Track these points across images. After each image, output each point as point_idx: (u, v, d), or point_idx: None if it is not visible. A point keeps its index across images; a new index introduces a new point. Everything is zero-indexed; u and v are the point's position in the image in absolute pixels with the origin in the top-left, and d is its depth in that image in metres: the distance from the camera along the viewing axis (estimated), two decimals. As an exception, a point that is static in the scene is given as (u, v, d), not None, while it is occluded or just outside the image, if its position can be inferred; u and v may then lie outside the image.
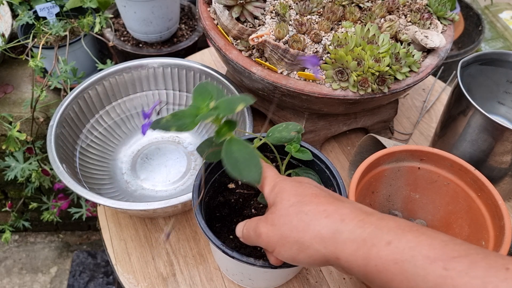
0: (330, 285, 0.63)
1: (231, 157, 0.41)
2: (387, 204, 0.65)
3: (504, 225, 0.51)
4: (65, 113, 0.70)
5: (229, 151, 0.41)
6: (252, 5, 0.62)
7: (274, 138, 0.49)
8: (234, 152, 0.41)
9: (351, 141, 0.83)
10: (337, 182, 0.53)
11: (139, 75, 0.78)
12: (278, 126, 0.50)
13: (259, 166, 0.41)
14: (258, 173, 0.40)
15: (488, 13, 1.27)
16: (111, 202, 0.58)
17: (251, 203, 0.57)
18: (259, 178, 0.40)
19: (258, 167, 0.41)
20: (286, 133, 0.49)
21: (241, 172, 0.40)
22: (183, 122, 0.41)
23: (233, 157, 0.41)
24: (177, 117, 0.41)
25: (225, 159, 0.41)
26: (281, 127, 0.50)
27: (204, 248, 0.67)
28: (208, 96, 0.42)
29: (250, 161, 0.41)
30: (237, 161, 0.41)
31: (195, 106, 0.42)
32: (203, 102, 0.42)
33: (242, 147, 0.41)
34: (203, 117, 0.40)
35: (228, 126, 0.43)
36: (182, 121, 0.41)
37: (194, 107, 0.42)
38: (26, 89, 1.06)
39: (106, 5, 1.12)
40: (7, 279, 1.35)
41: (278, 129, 0.50)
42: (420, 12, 0.68)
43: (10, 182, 1.17)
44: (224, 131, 0.43)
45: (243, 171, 0.40)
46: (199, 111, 0.42)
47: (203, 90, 0.43)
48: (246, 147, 0.41)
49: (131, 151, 0.79)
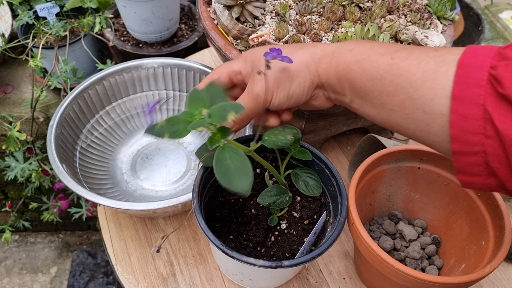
0: (330, 285, 0.63)
1: (222, 165, 0.40)
2: (387, 204, 0.65)
3: (504, 225, 0.51)
4: (65, 113, 0.70)
5: (220, 158, 0.41)
6: (252, 5, 0.62)
7: (270, 142, 0.48)
8: (226, 159, 0.41)
9: (351, 141, 0.83)
10: (337, 182, 0.53)
11: (139, 75, 0.78)
12: (274, 130, 0.50)
13: (250, 175, 0.40)
14: (248, 184, 0.39)
15: (488, 13, 1.27)
16: (111, 202, 0.58)
17: (251, 203, 0.57)
18: (248, 189, 0.40)
19: (249, 177, 0.40)
20: (283, 136, 0.49)
21: (231, 181, 0.40)
22: (176, 129, 0.41)
23: (224, 164, 0.40)
24: (171, 123, 0.41)
25: (216, 167, 0.40)
26: (278, 130, 0.49)
27: (204, 248, 0.67)
28: (201, 103, 0.42)
29: (242, 169, 0.40)
30: (228, 169, 0.40)
31: (188, 113, 0.42)
32: (196, 108, 0.42)
33: (234, 154, 0.41)
34: (193, 126, 0.40)
35: (222, 132, 0.43)
36: (175, 127, 0.41)
37: (188, 114, 0.42)
38: (26, 89, 1.06)
39: (106, 5, 1.12)
40: (7, 279, 1.35)
41: (274, 133, 0.49)
42: (420, 12, 0.68)
43: (10, 182, 1.17)
44: (217, 138, 0.42)
45: (233, 181, 0.40)
46: (192, 117, 0.42)
47: (197, 96, 0.43)
48: (239, 154, 0.41)
49: (131, 151, 0.79)
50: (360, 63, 0.40)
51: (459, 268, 0.57)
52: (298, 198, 0.57)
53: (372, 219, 0.65)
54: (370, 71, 0.40)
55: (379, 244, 0.61)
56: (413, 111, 0.37)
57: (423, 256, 0.61)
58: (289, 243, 0.54)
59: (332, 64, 0.42)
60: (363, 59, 0.40)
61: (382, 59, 0.39)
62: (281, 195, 0.53)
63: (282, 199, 0.53)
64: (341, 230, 0.49)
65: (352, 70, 0.41)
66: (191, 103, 0.42)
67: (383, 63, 0.39)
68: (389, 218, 0.65)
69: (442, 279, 0.46)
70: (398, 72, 0.38)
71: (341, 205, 0.52)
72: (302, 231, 0.55)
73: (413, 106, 0.37)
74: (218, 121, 0.40)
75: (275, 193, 0.53)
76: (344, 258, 0.66)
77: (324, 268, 0.65)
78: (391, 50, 0.40)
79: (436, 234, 0.63)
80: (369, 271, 0.59)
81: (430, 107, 0.36)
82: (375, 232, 0.63)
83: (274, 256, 0.53)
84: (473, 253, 0.56)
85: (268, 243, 0.55)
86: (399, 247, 0.61)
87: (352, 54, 0.41)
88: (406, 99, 0.38)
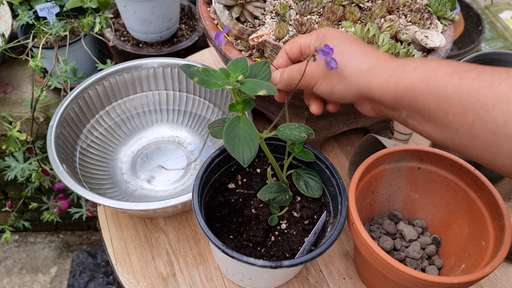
0: (330, 285, 0.63)
1: (233, 132, 0.42)
2: (387, 204, 0.65)
3: (504, 225, 0.51)
4: (65, 113, 0.70)
5: (233, 125, 0.42)
6: (252, 5, 0.62)
7: (284, 134, 0.49)
8: (238, 128, 0.42)
9: (351, 141, 0.83)
10: (337, 182, 0.53)
11: (139, 75, 0.78)
12: (291, 124, 0.50)
13: (254, 149, 0.42)
14: (251, 155, 0.42)
15: (488, 13, 1.27)
16: (111, 202, 0.58)
17: (251, 203, 0.57)
18: (248, 160, 0.42)
19: (253, 150, 0.42)
20: (297, 132, 0.49)
21: (235, 148, 0.42)
22: (208, 79, 0.42)
23: (235, 131, 0.42)
24: (206, 72, 0.43)
25: (226, 131, 0.42)
26: (294, 126, 0.50)
27: (204, 248, 0.67)
28: (242, 70, 0.43)
29: (250, 141, 0.42)
30: (237, 136, 0.42)
31: (226, 71, 0.43)
32: (234, 71, 0.43)
33: (248, 127, 0.43)
34: (225, 84, 0.41)
35: (245, 104, 0.44)
36: (208, 77, 0.42)
37: (225, 72, 0.43)
38: (26, 89, 1.06)
39: (106, 5, 1.12)
40: (7, 279, 1.35)
41: (290, 127, 0.50)
42: (420, 12, 0.68)
43: (10, 182, 1.17)
44: (239, 107, 0.44)
45: (238, 148, 0.42)
46: (228, 77, 0.43)
47: (242, 63, 0.44)
48: (251, 128, 0.43)
49: (131, 151, 0.79)
50: (425, 82, 0.39)
51: (459, 268, 0.57)
52: (298, 198, 0.57)
53: (372, 219, 0.65)
54: (436, 90, 0.38)
55: (379, 244, 0.61)
56: (482, 132, 0.36)
57: (423, 256, 0.61)
58: (289, 243, 0.54)
59: (391, 82, 0.41)
60: (429, 78, 0.39)
61: (450, 78, 0.38)
62: (282, 193, 0.53)
63: (282, 197, 0.53)
64: (341, 230, 0.49)
65: (415, 88, 0.40)
66: (233, 65, 0.44)
67: (451, 83, 0.38)
68: (389, 218, 0.65)
69: (442, 279, 0.46)
70: (468, 92, 0.37)
71: (341, 205, 0.52)
72: (302, 231, 0.55)
73: (482, 128, 0.36)
74: (248, 91, 0.41)
75: (275, 190, 0.53)
76: (344, 258, 0.66)
77: (324, 268, 0.65)
78: (459, 69, 0.38)
79: (436, 234, 0.63)
80: (369, 271, 0.59)
81: (502, 129, 0.35)
82: (375, 232, 0.63)
83: (274, 256, 0.53)
84: (473, 253, 0.56)
85: (268, 243, 0.55)
86: (399, 247, 0.61)
87: (416, 72, 0.40)
88: (476, 120, 0.36)
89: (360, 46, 0.45)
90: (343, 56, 0.44)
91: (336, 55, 0.43)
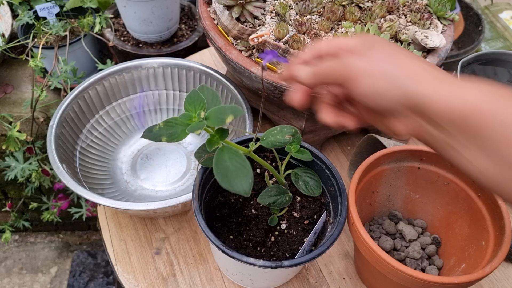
0: (330, 285, 0.63)
1: (222, 167, 0.40)
2: (387, 204, 0.65)
3: (504, 225, 0.51)
4: (65, 113, 0.70)
5: (220, 160, 0.41)
6: (252, 5, 0.62)
7: (268, 142, 0.48)
8: (225, 161, 0.40)
9: (351, 141, 0.83)
10: (337, 182, 0.53)
11: (139, 75, 0.78)
12: (273, 129, 0.49)
13: (249, 176, 0.40)
14: (248, 184, 0.40)
15: (488, 13, 1.27)
16: (111, 202, 0.58)
17: (251, 203, 0.57)
18: (249, 190, 0.39)
19: (249, 178, 0.40)
20: (281, 136, 0.48)
21: (231, 182, 0.40)
22: (174, 132, 0.41)
23: (224, 166, 0.40)
24: (169, 125, 0.41)
25: (216, 169, 0.40)
26: (276, 130, 0.49)
27: (204, 248, 0.67)
28: (200, 105, 0.42)
29: (241, 170, 0.40)
30: (228, 170, 0.40)
31: (186, 115, 0.42)
32: (194, 111, 0.42)
33: (234, 155, 0.41)
34: (192, 129, 0.40)
35: (220, 134, 0.43)
36: (173, 130, 0.41)
37: (186, 116, 0.42)
38: (26, 89, 1.06)
39: (106, 5, 1.12)
40: (7, 279, 1.35)
41: (272, 133, 0.49)
42: (420, 12, 0.68)
43: (10, 182, 1.17)
44: (215, 140, 0.42)
45: (233, 182, 0.40)
46: (191, 120, 0.41)
47: (195, 98, 0.42)
48: (238, 155, 0.41)
49: (131, 151, 0.79)
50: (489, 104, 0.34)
51: (459, 268, 0.57)
52: (298, 198, 0.57)
53: (372, 219, 0.65)
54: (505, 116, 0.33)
55: (379, 244, 0.61)
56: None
57: (423, 256, 0.61)
58: (289, 243, 0.54)
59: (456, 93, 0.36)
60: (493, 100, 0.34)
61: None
62: (281, 195, 0.53)
63: (282, 199, 0.53)
64: (341, 230, 0.49)
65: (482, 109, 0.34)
66: (189, 105, 0.42)
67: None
68: (389, 218, 0.65)
69: (442, 279, 0.46)
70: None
71: (341, 205, 0.52)
72: (302, 231, 0.55)
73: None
74: (216, 124, 0.40)
75: (275, 193, 0.53)
76: (344, 258, 0.66)
77: (324, 268, 0.65)
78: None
79: (436, 234, 0.63)
80: (369, 271, 0.59)
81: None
82: (375, 232, 0.63)
83: (274, 256, 0.53)
84: (473, 253, 0.56)
85: (268, 243, 0.54)
86: (399, 247, 0.61)
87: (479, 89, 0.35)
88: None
89: (414, 55, 0.41)
90: (396, 56, 0.39)
91: (389, 54, 0.39)
